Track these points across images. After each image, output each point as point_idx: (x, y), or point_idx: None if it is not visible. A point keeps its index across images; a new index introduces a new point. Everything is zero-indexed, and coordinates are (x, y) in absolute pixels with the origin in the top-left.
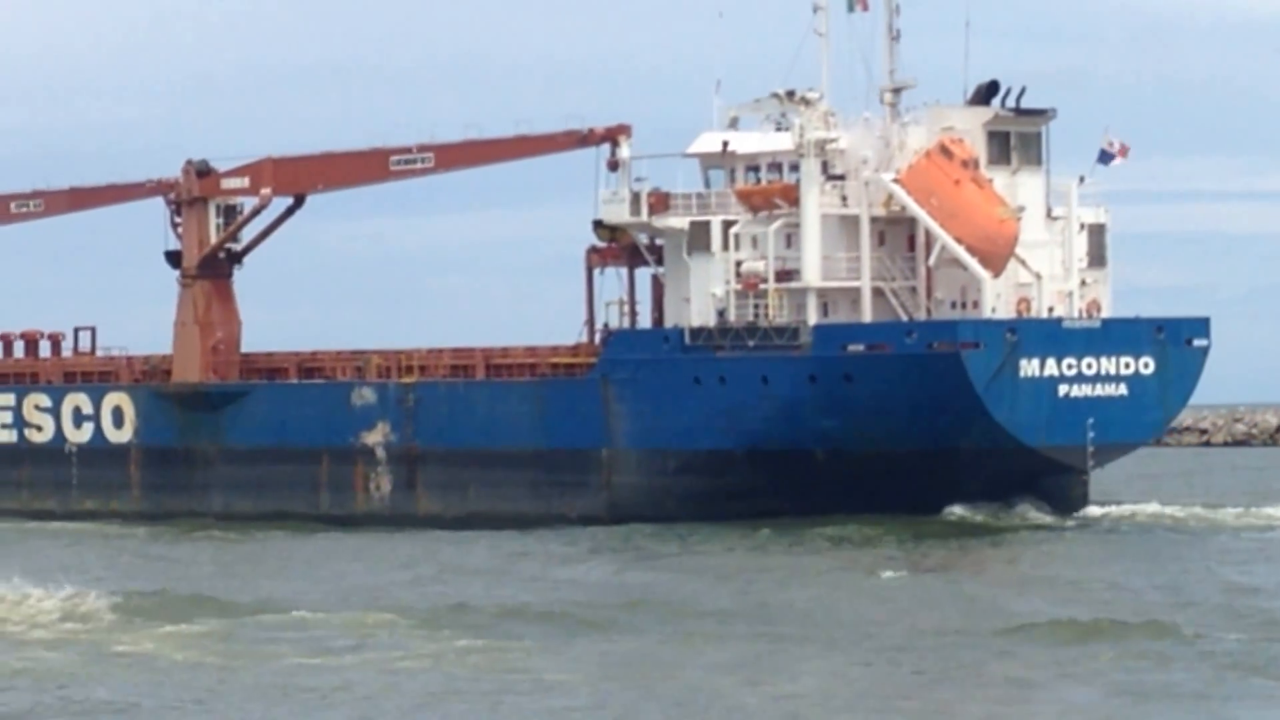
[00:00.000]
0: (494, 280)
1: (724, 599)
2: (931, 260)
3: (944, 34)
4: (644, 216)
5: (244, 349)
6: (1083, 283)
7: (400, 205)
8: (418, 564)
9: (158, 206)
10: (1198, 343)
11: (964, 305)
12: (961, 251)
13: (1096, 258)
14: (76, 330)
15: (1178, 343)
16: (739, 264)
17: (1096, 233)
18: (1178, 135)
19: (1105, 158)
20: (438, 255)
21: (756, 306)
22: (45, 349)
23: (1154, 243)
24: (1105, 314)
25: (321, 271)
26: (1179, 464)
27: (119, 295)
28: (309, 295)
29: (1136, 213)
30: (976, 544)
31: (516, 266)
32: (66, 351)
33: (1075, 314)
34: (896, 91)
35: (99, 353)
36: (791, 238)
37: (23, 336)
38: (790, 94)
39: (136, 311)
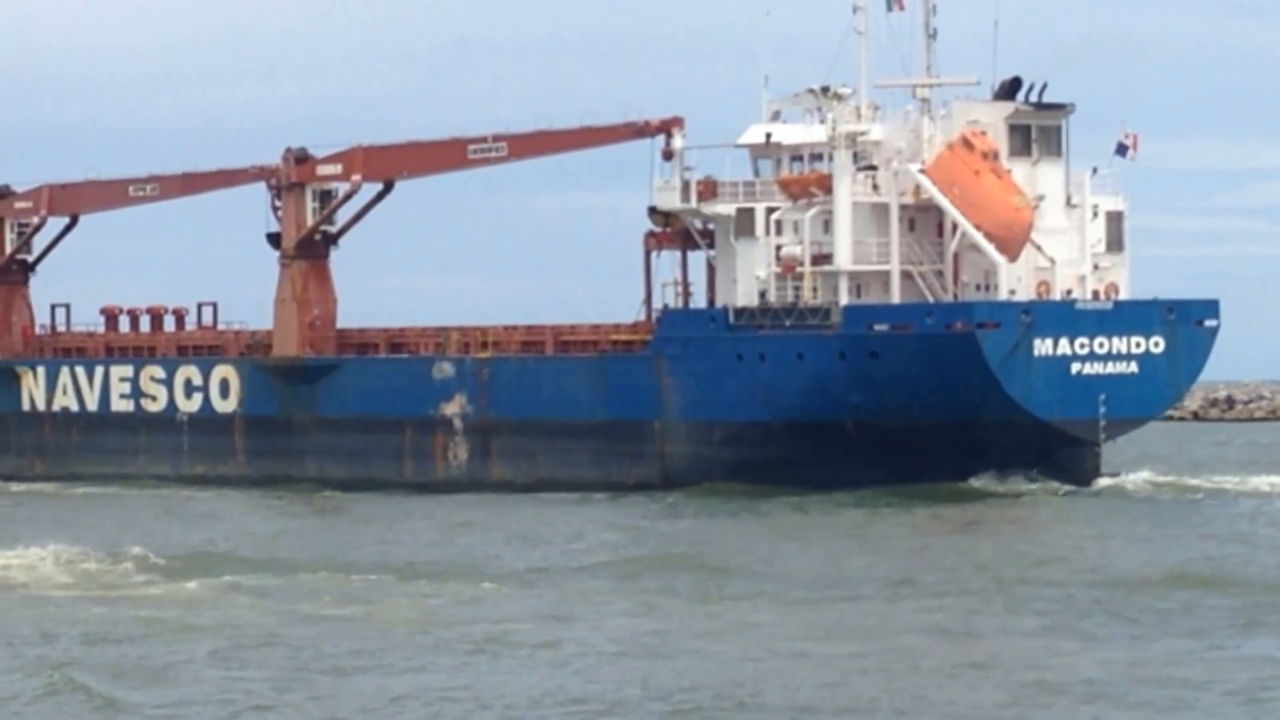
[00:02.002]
0: (567, 260)
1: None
2: (954, 245)
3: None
4: (694, 203)
5: (339, 324)
6: (1095, 267)
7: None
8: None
9: (262, 191)
10: (1208, 323)
11: (987, 288)
12: (980, 237)
13: (1115, 243)
14: (200, 305)
15: (1188, 323)
16: (779, 248)
17: (1115, 219)
18: None
19: (1122, 150)
20: (514, 235)
21: (795, 288)
22: (169, 323)
23: None
24: (1123, 296)
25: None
26: None
27: (239, 272)
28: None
29: None
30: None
31: (588, 247)
32: (190, 325)
33: (1088, 296)
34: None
35: (220, 326)
36: (827, 224)
37: (148, 311)
38: (825, 89)
39: (254, 288)
